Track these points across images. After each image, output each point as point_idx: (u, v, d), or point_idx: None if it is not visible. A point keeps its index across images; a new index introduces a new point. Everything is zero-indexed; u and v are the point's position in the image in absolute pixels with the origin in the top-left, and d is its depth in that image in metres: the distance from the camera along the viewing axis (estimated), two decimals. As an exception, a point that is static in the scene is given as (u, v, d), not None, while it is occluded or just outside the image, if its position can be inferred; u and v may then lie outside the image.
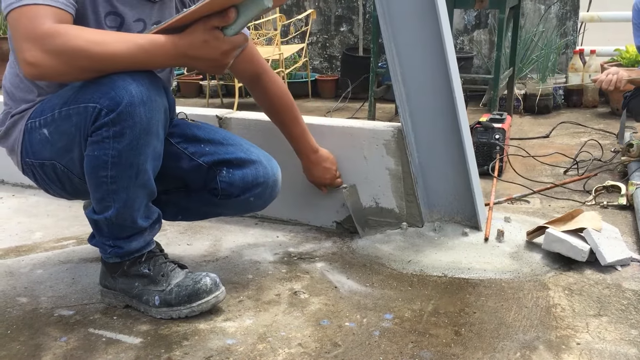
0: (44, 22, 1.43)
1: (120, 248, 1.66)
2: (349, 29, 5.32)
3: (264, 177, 1.79)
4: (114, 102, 1.47)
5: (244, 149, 1.80)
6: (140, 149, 1.53)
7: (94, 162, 1.54)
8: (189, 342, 1.56)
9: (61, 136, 1.58)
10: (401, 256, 2.03)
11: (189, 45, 1.50)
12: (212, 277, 1.68)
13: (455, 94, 2.05)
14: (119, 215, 1.60)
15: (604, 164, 3.00)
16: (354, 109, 4.49)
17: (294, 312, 1.71)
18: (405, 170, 2.16)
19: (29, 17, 1.44)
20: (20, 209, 2.54)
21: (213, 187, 1.78)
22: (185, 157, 1.78)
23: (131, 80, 1.48)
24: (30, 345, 1.56)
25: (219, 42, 1.51)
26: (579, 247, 1.93)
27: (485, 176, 2.71)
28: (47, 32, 1.42)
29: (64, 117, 1.56)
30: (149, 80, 1.52)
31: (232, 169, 1.76)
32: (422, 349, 1.52)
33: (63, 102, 1.56)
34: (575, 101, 4.55)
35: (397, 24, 2.08)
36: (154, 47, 1.49)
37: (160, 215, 1.72)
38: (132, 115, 1.48)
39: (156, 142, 1.56)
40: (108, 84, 1.48)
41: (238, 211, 1.96)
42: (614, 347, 1.52)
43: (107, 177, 1.55)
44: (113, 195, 1.57)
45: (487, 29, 5.03)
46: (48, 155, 1.63)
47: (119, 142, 1.50)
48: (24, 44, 1.42)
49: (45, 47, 1.41)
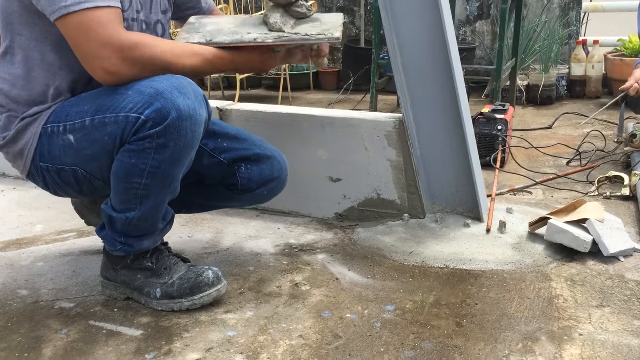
0: (119, 29, 1.49)
1: (131, 246, 1.66)
2: (351, 20, 5.30)
3: (279, 172, 1.84)
4: (161, 115, 1.47)
5: (257, 143, 1.84)
6: (181, 161, 1.54)
7: (129, 169, 1.52)
8: (189, 334, 1.56)
9: (91, 144, 1.55)
10: (403, 247, 2.02)
11: (245, 63, 1.68)
12: (214, 271, 1.68)
13: (457, 84, 2.04)
14: (141, 217, 1.60)
15: (607, 154, 2.98)
16: (356, 100, 4.47)
17: (295, 303, 1.71)
18: (406, 161, 2.15)
19: (100, 22, 1.47)
20: (21, 202, 2.54)
21: (232, 182, 1.80)
22: (205, 154, 1.79)
23: (178, 93, 1.48)
24: (30, 337, 1.56)
25: (272, 60, 1.72)
26: (582, 238, 1.92)
27: (488, 167, 2.70)
28: (127, 43, 1.48)
29: (96, 125, 1.53)
30: (194, 92, 1.51)
31: (249, 165, 1.80)
32: (423, 340, 1.52)
33: (96, 109, 1.53)
34: (578, 92, 4.53)
35: (398, 15, 2.06)
36: (218, 60, 1.63)
37: (174, 215, 1.73)
38: (179, 129, 1.48)
39: (193, 152, 1.58)
40: (152, 94, 1.47)
41: (247, 204, 2.00)
42: (617, 337, 1.51)
43: (140, 184, 1.54)
44: (141, 199, 1.57)
45: (489, 20, 5.00)
46: (70, 160, 1.59)
47: (160, 154, 1.50)
48: (102, 51, 1.47)
49: (127, 57, 1.49)
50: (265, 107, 2.35)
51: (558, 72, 4.48)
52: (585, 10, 4.95)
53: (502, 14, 3.78)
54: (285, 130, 2.23)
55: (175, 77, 1.52)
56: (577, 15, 4.87)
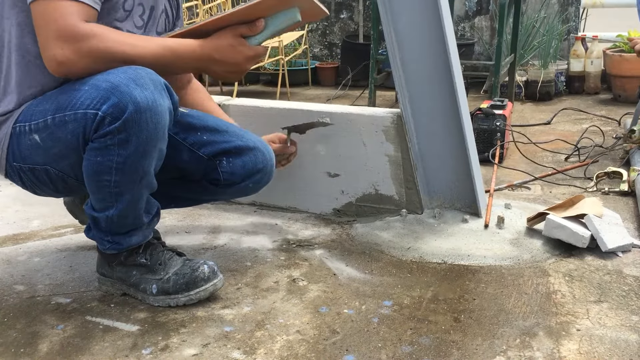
0: (76, 22, 1.44)
1: (120, 244, 1.64)
2: (349, 16, 5.29)
3: (263, 164, 1.79)
4: (118, 109, 1.43)
5: (239, 135, 1.78)
6: (147, 154, 1.50)
7: (96, 167, 1.50)
8: (186, 329, 1.56)
9: (56, 142, 1.52)
10: (400, 243, 2.02)
11: (215, 48, 1.56)
12: (210, 265, 1.67)
13: (456, 80, 2.03)
14: (121, 214, 1.58)
15: (606, 150, 2.98)
16: (354, 96, 4.47)
17: (293, 299, 1.70)
18: (404, 156, 2.14)
19: (60, 13, 1.43)
20: (17, 197, 2.53)
21: (214, 177, 1.77)
22: (185, 149, 1.76)
23: (134, 85, 1.43)
24: (27, 333, 1.55)
25: (244, 48, 1.59)
26: (580, 233, 1.92)
27: (486, 163, 2.69)
28: (81, 33, 1.44)
29: (58, 124, 1.49)
30: (152, 81, 1.47)
31: (231, 158, 1.75)
32: (421, 336, 1.51)
33: (56, 108, 1.50)
34: (577, 88, 4.52)
35: (396, 11, 2.06)
36: (182, 48, 1.55)
37: (159, 208, 1.70)
38: (138, 122, 1.44)
39: (162, 144, 1.54)
40: (108, 88, 1.43)
41: (233, 197, 1.99)
42: (615, 333, 1.51)
43: (110, 182, 1.52)
44: (116, 197, 1.55)
45: (488, 15, 4.99)
46: (41, 160, 1.56)
47: (124, 149, 1.47)
48: (55, 42, 1.44)
49: (78, 48, 1.44)
50: (263, 103, 2.34)
51: (557, 68, 4.47)
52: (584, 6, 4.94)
53: (501, 10, 3.77)
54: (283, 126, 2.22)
55: (132, 68, 1.46)
56: (576, 11, 4.87)
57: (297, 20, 1.60)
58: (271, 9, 1.57)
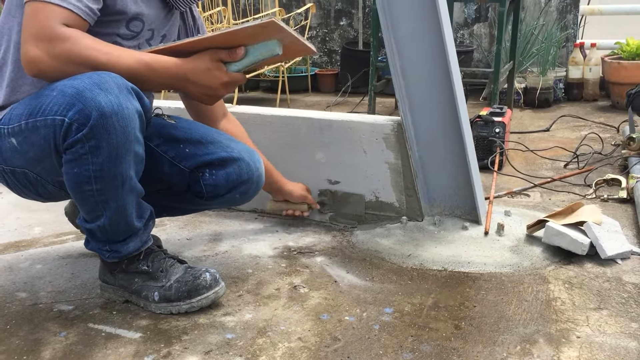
0: (55, 24, 1.45)
1: (118, 252, 1.65)
2: (349, 22, 5.31)
3: (248, 175, 1.76)
4: (84, 115, 1.42)
5: (224, 146, 1.75)
6: (121, 158, 1.49)
7: (76, 179, 1.50)
8: (188, 337, 1.56)
9: (30, 147, 1.53)
10: (401, 250, 2.03)
11: (191, 69, 1.56)
12: (212, 273, 1.67)
13: (455, 87, 2.04)
14: (112, 222, 1.58)
15: (605, 157, 2.99)
16: (354, 103, 4.48)
17: (294, 306, 1.71)
18: (405, 164, 2.15)
19: (45, 15, 1.44)
20: (19, 204, 2.53)
21: (197, 190, 1.76)
22: (165, 162, 1.75)
23: (98, 90, 1.42)
24: (29, 340, 1.56)
25: (220, 73, 1.59)
26: (579, 241, 1.93)
27: (486, 170, 2.70)
28: (57, 35, 1.44)
29: (31, 129, 1.50)
30: (117, 86, 1.46)
31: (214, 170, 1.73)
32: (422, 343, 1.52)
33: (29, 113, 1.51)
34: (575, 95, 4.54)
35: (396, 18, 2.07)
36: (158, 64, 1.55)
37: (153, 211, 1.70)
38: (106, 127, 1.44)
39: (137, 146, 1.52)
40: (73, 94, 1.43)
41: (223, 206, 2.05)
42: (614, 340, 1.52)
43: (93, 191, 1.52)
44: (103, 205, 1.55)
45: (487, 23, 5.01)
46: (19, 163, 1.58)
47: (97, 157, 1.47)
48: (32, 39, 1.44)
49: (52, 48, 1.45)
50: (263, 110, 2.35)
51: (556, 75, 4.49)
52: (582, 14, 4.96)
53: (500, 17, 3.79)
54: (284, 133, 2.23)
55: (97, 73, 1.46)
56: (575, 19, 4.89)
57: (276, 54, 1.59)
58: (252, 37, 1.56)
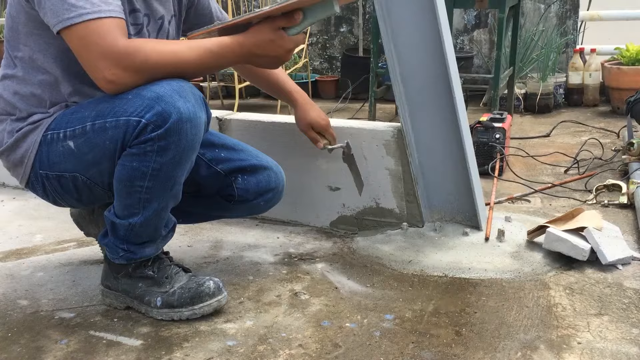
0: (117, 39, 1.48)
1: (134, 253, 1.66)
2: (349, 29, 5.32)
3: (275, 183, 1.87)
4: (162, 118, 1.48)
5: (254, 155, 1.87)
6: (182, 164, 1.55)
7: (132, 173, 1.54)
8: (189, 344, 1.56)
9: (92, 149, 1.56)
10: (402, 256, 2.03)
11: (255, 44, 1.59)
12: (215, 281, 1.68)
13: (455, 93, 2.05)
14: (145, 222, 1.61)
15: (605, 162, 2.99)
16: (355, 109, 4.48)
17: (295, 313, 1.71)
18: (405, 170, 2.16)
19: (99, 33, 1.47)
20: (21, 212, 2.54)
21: (229, 193, 1.83)
22: (203, 164, 1.81)
23: (178, 97, 1.49)
24: (31, 348, 1.56)
25: (284, 41, 1.61)
26: (580, 246, 1.93)
27: (486, 176, 2.71)
28: (126, 51, 1.48)
29: (97, 130, 1.54)
30: (193, 95, 1.53)
31: (246, 176, 1.82)
32: (422, 349, 1.52)
33: (96, 115, 1.54)
34: (576, 100, 4.54)
35: (396, 25, 2.08)
36: (222, 49, 1.58)
37: (175, 223, 1.73)
38: (179, 132, 1.50)
39: (194, 155, 1.59)
40: (153, 97, 1.49)
41: (244, 214, 2.03)
42: (615, 346, 1.52)
43: (143, 187, 1.55)
44: (144, 204, 1.58)
45: (487, 29, 5.02)
46: (71, 167, 1.60)
47: (162, 157, 1.51)
48: (101, 62, 1.48)
49: (126, 65, 1.49)
50: (264, 117, 2.36)
51: (556, 80, 4.49)
52: (582, 19, 4.97)
53: (499, 23, 3.80)
54: (285, 140, 2.24)
55: (175, 81, 1.53)
56: (575, 24, 4.90)
57: (337, 11, 1.60)
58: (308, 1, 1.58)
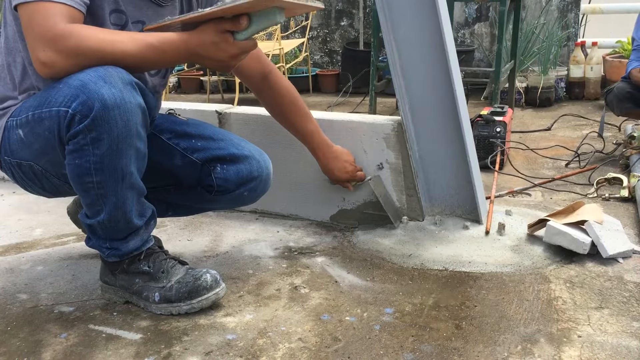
0: (58, 22, 1.44)
1: (119, 250, 1.65)
2: (350, 23, 5.31)
3: (258, 172, 1.80)
4: (87, 106, 1.44)
5: (234, 143, 1.79)
6: (122, 152, 1.50)
7: (77, 170, 1.51)
8: (189, 338, 1.56)
9: (36, 139, 1.55)
10: (402, 250, 2.03)
11: (199, 45, 1.53)
12: (213, 274, 1.67)
13: (456, 87, 2.04)
14: (111, 218, 1.58)
15: (606, 156, 2.99)
16: (355, 103, 4.48)
17: (295, 306, 1.71)
18: (405, 163, 2.15)
19: (42, 15, 1.44)
20: (20, 206, 2.54)
21: (208, 183, 1.78)
22: (177, 154, 1.77)
23: (103, 83, 1.44)
24: (30, 341, 1.56)
25: (228, 45, 1.54)
26: (581, 240, 1.92)
27: (486, 169, 2.70)
28: (61, 33, 1.44)
29: (37, 120, 1.52)
30: (122, 79, 1.47)
31: (225, 165, 1.76)
32: (422, 343, 1.52)
33: (37, 105, 1.53)
34: (577, 93, 4.54)
35: (396, 18, 2.07)
36: (165, 45, 1.53)
37: (155, 211, 1.70)
38: (108, 120, 1.45)
39: (138, 142, 1.53)
40: (77, 86, 1.44)
41: (230, 205, 1.97)
42: (616, 339, 1.51)
43: (93, 183, 1.52)
44: (102, 199, 1.55)
45: (488, 22, 5.01)
46: (25, 155, 1.60)
47: (98, 148, 1.48)
48: (38, 43, 1.45)
49: (59, 48, 1.44)
50: (264, 111, 2.35)
51: (557, 74, 4.49)
52: (583, 12, 4.96)
53: (500, 17, 3.79)
54: (285, 134, 2.23)
55: (103, 67, 1.46)
56: (576, 17, 4.88)
57: (278, 22, 1.57)
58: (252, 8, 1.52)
